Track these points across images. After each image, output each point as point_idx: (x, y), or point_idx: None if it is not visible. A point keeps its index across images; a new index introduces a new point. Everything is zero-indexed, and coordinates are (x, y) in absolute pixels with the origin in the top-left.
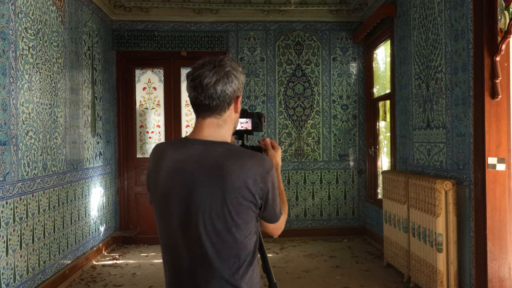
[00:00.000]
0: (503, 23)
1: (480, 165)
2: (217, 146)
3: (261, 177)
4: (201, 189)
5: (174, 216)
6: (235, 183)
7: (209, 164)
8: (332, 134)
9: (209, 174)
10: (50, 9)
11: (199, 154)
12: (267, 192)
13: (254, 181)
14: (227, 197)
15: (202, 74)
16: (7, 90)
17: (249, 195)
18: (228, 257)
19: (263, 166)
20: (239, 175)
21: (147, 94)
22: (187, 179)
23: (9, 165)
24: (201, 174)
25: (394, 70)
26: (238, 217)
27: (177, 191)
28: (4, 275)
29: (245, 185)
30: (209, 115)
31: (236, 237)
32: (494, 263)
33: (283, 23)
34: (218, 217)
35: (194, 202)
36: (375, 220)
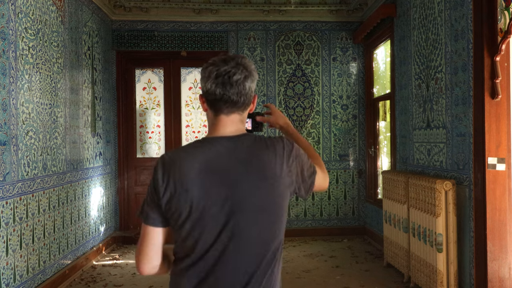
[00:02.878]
0: (503, 23)
1: (480, 165)
2: (244, 138)
3: (294, 156)
4: (242, 185)
5: (216, 221)
6: (276, 171)
7: (243, 157)
8: (332, 134)
9: (247, 167)
10: (50, 9)
11: (229, 150)
12: (302, 165)
13: (289, 164)
14: (270, 187)
15: (230, 70)
16: (7, 90)
17: (289, 180)
18: (275, 251)
19: (289, 145)
20: (276, 162)
21: (147, 94)
22: (224, 177)
23: (9, 165)
24: (238, 169)
25: (394, 70)
26: (282, 208)
27: (214, 193)
28: (4, 275)
29: (283, 171)
30: (234, 111)
31: (281, 228)
32: (494, 263)
33: (283, 23)
34: (264, 210)
35: (237, 199)
36: (375, 220)
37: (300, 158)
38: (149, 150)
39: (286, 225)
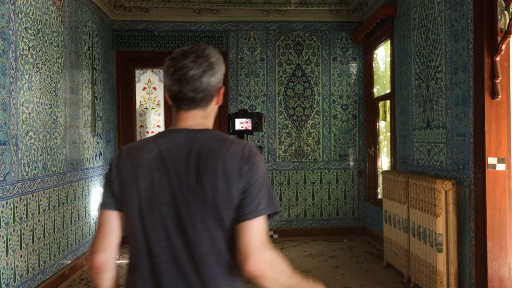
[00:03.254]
0: (503, 23)
1: (480, 165)
2: (203, 132)
3: (247, 160)
4: (192, 178)
5: (161, 212)
6: (226, 166)
7: (198, 150)
8: (332, 134)
9: (199, 161)
10: (50, 9)
11: (186, 142)
12: (255, 174)
13: (241, 164)
14: (218, 181)
15: (186, 65)
16: (7, 90)
17: (237, 178)
18: (226, 250)
19: (249, 149)
20: (227, 158)
21: (147, 94)
22: (176, 170)
23: (9, 165)
24: (190, 162)
25: (394, 70)
26: (228, 204)
27: (164, 185)
28: (4, 275)
29: (234, 167)
30: (194, 107)
31: (227, 227)
32: (494, 263)
33: (283, 23)
34: (211, 207)
35: (185, 193)
36: (375, 220)
37: (255, 172)
38: None
39: (287, 225)
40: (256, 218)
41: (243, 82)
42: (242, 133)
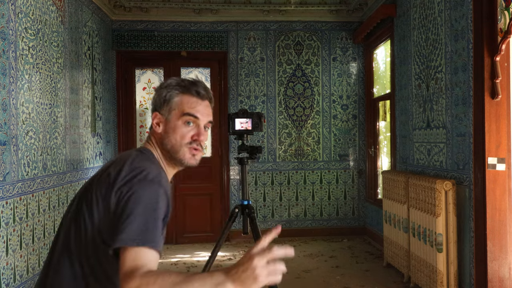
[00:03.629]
0: (503, 23)
1: (480, 165)
2: (131, 150)
3: (129, 180)
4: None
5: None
6: (105, 178)
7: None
8: (332, 134)
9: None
10: (50, 9)
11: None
12: (128, 199)
13: (117, 186)
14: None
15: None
16: (7, 90)
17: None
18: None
19: (141, 173)
20: (111, 172)
21: (147, 94)
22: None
23: (9, 165)
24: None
25: (394, 70)
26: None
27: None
28: (4, 275)
29: (109, 181)
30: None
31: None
32: (494, 263)
33: (283, 23)
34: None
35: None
36: (375, 220)
37: (137, 195)
38: None
39: (287, 225)
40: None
41: (243, 82)
42: (242, 133)
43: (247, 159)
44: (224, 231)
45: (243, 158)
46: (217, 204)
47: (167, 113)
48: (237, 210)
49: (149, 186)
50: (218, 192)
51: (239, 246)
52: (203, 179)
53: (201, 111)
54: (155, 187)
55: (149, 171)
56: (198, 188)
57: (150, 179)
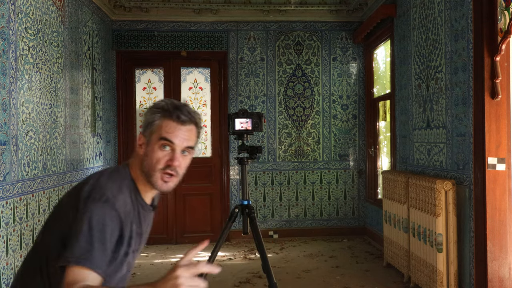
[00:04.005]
0: (503, 23)
1: (480, 165)
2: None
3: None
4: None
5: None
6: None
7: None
8: (332, 134)
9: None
10: (50, 9)
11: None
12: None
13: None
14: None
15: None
16: (7, 90)
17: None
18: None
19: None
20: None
21: (147, 94)
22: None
23: (9, 165)
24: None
25: (394, 70)
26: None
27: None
28: (4, 275)
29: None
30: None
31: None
32: (494, 263)
33: (283, 23)
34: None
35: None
36: (375, 220)
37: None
38: None
39: (287, 225)
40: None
41: (243, 82)
42: (242, 133)
43: (247, 159)
44: (224, 231)
45: (243, 158)
46: (217, 204)
47: (148, 135)
48: (237, 210)
49: (101, 207)
50: (218, 192)
51: (239, 246)
52: (203, 179)
53: (179, 136)
54: (107, 209)
55: (107, 192)
56: (198, 188)
57: (104, 200)
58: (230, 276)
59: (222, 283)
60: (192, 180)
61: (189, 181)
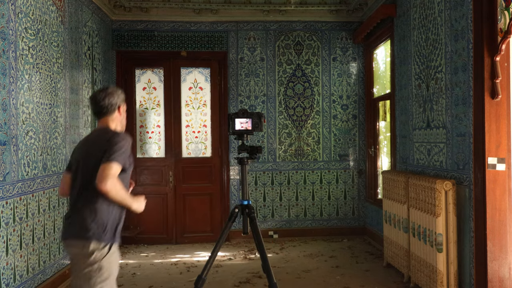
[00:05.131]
0: (503, 23)
1: (480, 165)
2: (98, 129)
3: (110, 143)
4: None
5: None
6: (102, 144)
7: (92, 138)
8: (332, 134)
9: (94, 143)
10: (50, 9)
11: (91, 135)
12: (111, 147)
13: (108, 142)
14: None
15: (95, 95)
16: (7, 90)
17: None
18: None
19: (113, 139)
20: (104, 140)
21: (147, 94)
22: (81, 147)
23: (9, 165)
24: (91, 146)
25: (394, 70)
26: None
27: (76, 154)
28: (4, 275)
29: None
30: (101, 117)
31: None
32: (494, 263)
33: (283, 23)
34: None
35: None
36: (375, 220)
37: (109, 145)
38: (149, 150)
39: (287, 225)
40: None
41: (243, 82)
42: (242, 133)
43: (247, 159)
44: (224, 231)
45: (243, 158)
46: (217, 204)
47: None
48: (237, 210)
49: (125, 141)
50: (218, 192)
51: (239, 246)
52: (203, 179)
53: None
54: (127, 142)
55: (124, 136)
56: (198, 188)
57: (124, 138)
58: (230, 276)
59: (222, 283)
60: (192, 180)
61: (189, 181)
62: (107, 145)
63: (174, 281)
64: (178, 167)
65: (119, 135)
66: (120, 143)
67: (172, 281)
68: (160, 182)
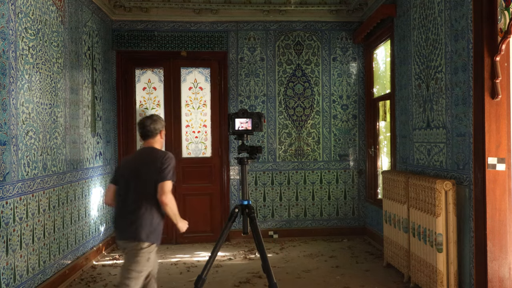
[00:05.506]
0: (503, 23)
1: (480, 165)
2: (147, 148)
3: (162, 163)
4: (143, 167)
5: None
6: (154, 166)
7: (143, 156)
8: (332, 134)
9: (147, 161)
10: (50, 9)
11: (140, 152)
12: (165, 167)
13: (160, 162)
14: (152, 168)
15: (144, 121)
16: (7, 90)
17: (158, 171)
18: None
19: (165, 159)
20: (155, 163)
21: (147, 94)
22: (132, 163)
23: (9, 165)
24: (138, 160)
25: (394, 70)
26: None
27: (127, 169)
28: (4, 275)
29: (156, 162)
30: (148, 138)
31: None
32: (494, 263)
33: (283, 23)
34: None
35: (134, 173)
36: (375, 220)
37: (166, 165)
38: None
39: (287, 225)
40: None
41: (243, 82)
42: (242, 133)
43: (247, 159)
44: (224, 231)
45: (243, 158)
46: (217, 204)
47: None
48: (237, 210)
49: (172, 159)
50: (218, 192)
51: (239, 246)
52: (203, 179)
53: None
54: (173, 161)
55: (171, 155)
56: (198, 188)
57: (172, 157)
58: (230, 276)
59: (222, 283)
60: (192, 180)
61: (189, 181)
62: (160, 165)
63: (174, 281)
64: (178, 167)
65: (168, 157)
66: (170, 164)
67: (172, 281)
68: None
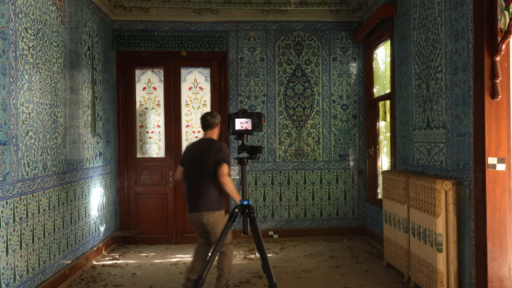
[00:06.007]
0: (503, 23)
1: (480, 165)
2: (206, 139)
3: (219, 150)
4: (204, 153)
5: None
6: (212, 152)
7: (203, 145)
8: (332, 134)
9: (205, 150)
10: (50, 9)
11: (200, 142)
12: (221, 156)
13: (218, 150)
14: (211, 154)
15: (205, 116)
16: (7, 90)
17: (216, 157)
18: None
19: (221, 148)
20: (213, 150)
21: (147, 94)
22: (194, 151)
23: (9, 165)
24: (199, 149)
25: (394, 70)
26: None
27: (190, 157)
28: (4, 275)
29: (214, 150)
30: (208, 129)
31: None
32: (494, 263)
33: (283, 23)
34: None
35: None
36: (375, 220)
37: (222, 153)
38: (149, 150)
39: (287, 225)
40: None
41: (243, 82)
42: (242, 133)
43: (247, 159)
44: (224, 231)
45: (243, 158)
46: None
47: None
48: (237, 210)
49: (226, 149)
50: None
51: (239, 246)
52: None
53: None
54: (227, 150)
55: (225, 145)
56: None
57: (225, 147)
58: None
59: None
60: None
61: None
62: (219, 152)
63: (174, 281)
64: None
65: (223, 146)
66: (226, 151)
67: (172, 281)
68: (160, 182)
